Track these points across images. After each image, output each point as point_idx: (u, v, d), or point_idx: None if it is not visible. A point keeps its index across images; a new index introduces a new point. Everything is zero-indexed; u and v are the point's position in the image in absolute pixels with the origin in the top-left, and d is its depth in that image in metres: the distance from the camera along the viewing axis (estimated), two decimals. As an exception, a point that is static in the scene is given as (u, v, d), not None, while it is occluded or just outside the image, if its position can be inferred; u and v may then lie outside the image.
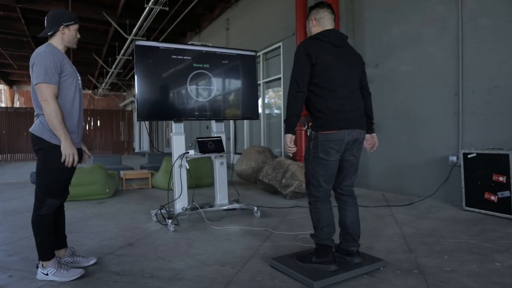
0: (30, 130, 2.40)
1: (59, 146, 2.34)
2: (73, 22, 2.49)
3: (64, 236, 2.66)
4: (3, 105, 25.43)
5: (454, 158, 4.59)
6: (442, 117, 4.81)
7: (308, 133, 2.50)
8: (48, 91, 2.28)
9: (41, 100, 2.30)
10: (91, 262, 2.66)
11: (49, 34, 2.46)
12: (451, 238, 3.16)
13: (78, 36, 2.57)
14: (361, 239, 2.57)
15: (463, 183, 4.20)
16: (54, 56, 2.34)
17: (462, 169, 4.22)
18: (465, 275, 2.36)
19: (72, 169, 2.47)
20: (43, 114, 2.34)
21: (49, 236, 2.41)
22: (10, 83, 24.62)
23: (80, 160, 2.52)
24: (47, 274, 2.36)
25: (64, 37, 2.47)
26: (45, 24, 2.48)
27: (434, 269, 2.46)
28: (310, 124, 2.49)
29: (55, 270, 2.36)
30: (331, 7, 2.51)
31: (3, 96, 26.33)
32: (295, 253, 2.65)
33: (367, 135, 2.59)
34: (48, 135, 2.34)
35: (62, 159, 2.33)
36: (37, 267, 2.41)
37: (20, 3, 9.98)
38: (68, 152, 2.32)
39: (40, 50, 2.35)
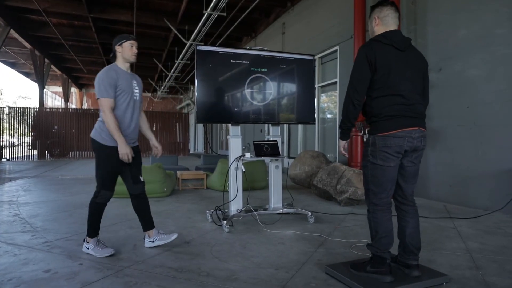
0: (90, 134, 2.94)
1: (107, 146, 2.84)
2: (124, 40, 2.94)
3: (151, 220, 3.16)
4: (73, 106, 27.63)
5: (528, 170, 4.22)
6: (514, 125, 4.44)
7: (365, 139, 2.44)
8: (106, 103, 2.80)
9: (101, 111, 2.84)
10: (173, 238, 3.11)
11: (111, 56, 3.04)
12: (525, 257, 2.90)
13: (135, 50, 2.99)
14: (421, 251, 2.44)
15: (538, 198, 3.85)
16: (108, 76, 2.83)
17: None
18: (542, 298, 2.16)
19: (119, 167, 2.93)
20: (100, 121, 2.89)
21: (98, 220, 2.97)
22: (80, 86, 26.74)
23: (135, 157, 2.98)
24: (88, 248, 2.92)
25: (121, 54, 2.95)
26: None
27: (505, 290, 2.28)
28: (367, 129, 2.43)
29: (93, 246, 2.91)
30: (395, 5, 2.41)
31: (73, 98, 28.62)
32: (350, 261, 2.59)
33: None
34: (99, 137, 2.87)
35: (120, 157, 2.82)
36: (83, 241, 2.98)
37: (92, 13, 10.83)
38: (122, 152, 2.81)
39: (101, 71, 2.88)
